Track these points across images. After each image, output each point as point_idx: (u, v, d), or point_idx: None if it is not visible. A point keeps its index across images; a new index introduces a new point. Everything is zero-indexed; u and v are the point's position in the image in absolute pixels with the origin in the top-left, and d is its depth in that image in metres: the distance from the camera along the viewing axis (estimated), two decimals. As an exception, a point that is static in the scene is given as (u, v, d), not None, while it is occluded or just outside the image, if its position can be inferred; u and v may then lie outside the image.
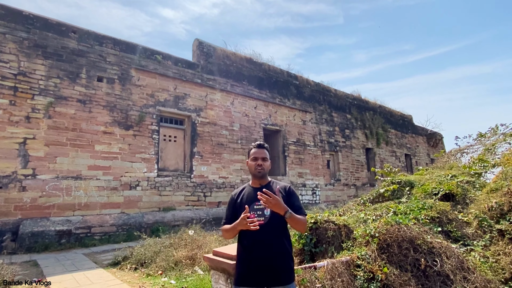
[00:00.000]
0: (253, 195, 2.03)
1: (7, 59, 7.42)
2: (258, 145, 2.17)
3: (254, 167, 2.10)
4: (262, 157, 2.11)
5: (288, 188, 2.10)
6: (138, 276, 4.72)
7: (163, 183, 9.42)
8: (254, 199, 2.00)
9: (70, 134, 7.99)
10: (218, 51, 11.70)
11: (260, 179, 2.11)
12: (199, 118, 10.62)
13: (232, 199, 2.14)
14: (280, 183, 2.15)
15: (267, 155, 2.15)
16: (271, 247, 1.92)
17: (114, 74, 9.02)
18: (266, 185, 2.10)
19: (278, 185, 2.12)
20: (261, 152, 2.13)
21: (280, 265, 1.91)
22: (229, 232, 2.01)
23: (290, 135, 13.39)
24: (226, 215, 2.14)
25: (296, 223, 1.96)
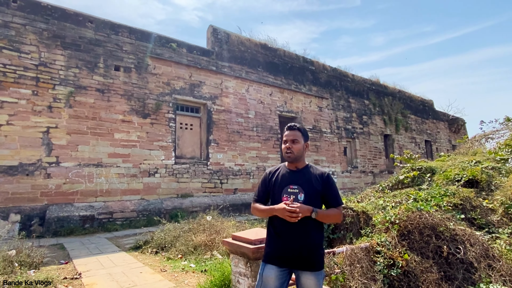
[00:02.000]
0: (287, 177, 1.99)
1: (28, 50, 7.60)
2: (289, 127, 2.08)
3: (284, 151, 2.04)
4: (291, 139, 2.01)
5: (325, 176, 1.99)
6: (159, 260, 4.87)
7: (181, 170, 9.57)
8: (288, 181, 1.96)
9: (90, 123, 8.19)
10: (232, 38, 11.57)
11: (292, 162, 2.03)
12: (215, 106, 10.63)
13: (265, 176, 2.08)
14: (318, 169, 2.06)
15: (299, 136, 2.03)
16: (301, 234, 1.88)
17: (130, 63, 9.10)
18: (303, 168, 2.02)
19: (315, 170, 2.03)
20: (291, 134, 2.03)
21: (309, 254, 1.88)
22: (263, 213, 1.99)
23: (306, 122, 13.23)
24: (258, 192, 2.09)
25: (325, 218, 1.92)
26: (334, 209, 1.94)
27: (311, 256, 1.88)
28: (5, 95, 7.19)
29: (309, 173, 2.00)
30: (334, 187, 2.00)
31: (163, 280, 3.84)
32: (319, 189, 1.95)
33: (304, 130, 2.08)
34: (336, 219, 1.98)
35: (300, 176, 1.98)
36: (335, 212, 1.93)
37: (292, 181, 1.96)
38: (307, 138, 2.09)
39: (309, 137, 2.11)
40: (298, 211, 1.78)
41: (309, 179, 1.96)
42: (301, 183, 1.93)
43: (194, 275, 4.03)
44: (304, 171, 2.01)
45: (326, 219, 1.93)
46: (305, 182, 1.95)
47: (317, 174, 1.99)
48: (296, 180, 1.95)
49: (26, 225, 6.94)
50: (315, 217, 1.85)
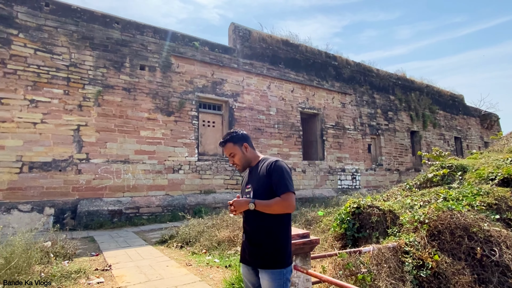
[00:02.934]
0: (245, 179, 2.06)
1: (60, 51, 7.97)
2: (220, 144, 2.07)
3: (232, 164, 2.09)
4: (229, 154, 2.02)
5: (270, 164, 1.88)
6: (184, 254, 4.98)
7: (204, 167, 9.72)
8: (245, 182, 2.03)
9: (118, 121, 8.48)
10: (253, 35, 11.56)
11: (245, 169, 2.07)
12: (236, 103, 10.69)
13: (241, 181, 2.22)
14: (268, 160, 1.95)
15: (233, 148, 1.98)
16: (255, 231, 1.88)
17: (155, 62, 9.33)
18: (255, 166, 1.99)
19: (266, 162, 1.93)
20: (226, 151, 2.03)
21: (259, 250, 1.84)
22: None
23: (329, 119, 13.02)
24: None
25: (266, 209, 1.79)
26: (276, 198, 1.78)
27: (261, 252, 1.82)
28: (39, 94, 7.58)
29: (259, 168, 1.94)
30: (278, 174, 1.82)
31: (188, 274, 3.93)
32: (267, 181, 1.85)
33: (232, 136, 2.00)
34: (280, 208, 1.79)
35: (252, 174, 2.00)
36: (277, 200, 1.77)
37: (248, 181, 2.00)
38: (241, 139, 2.01)
39: (243, 137, 2.02)
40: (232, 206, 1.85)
41: (259, 174, 1.92)
42: (252, 181, 1.94)
43: (218, 270, 4.10)
44: (255, 168, 1.99)
45: (268, 209, 1.79)
46: (255, 179, 1.94)
47: (265, 166, 1.90)
48: (250, 180, 1.98)
49: (59, 218, 7.32)
50: (253, 209, 1.79)
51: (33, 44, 7.65)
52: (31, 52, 7.60)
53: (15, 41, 7.45)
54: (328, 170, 12.60)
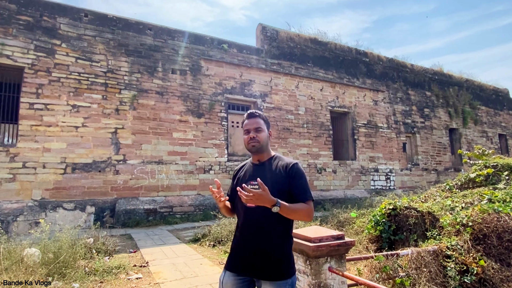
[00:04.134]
0: (250, 172, 1.78)
1: (98, 59, 8.45)
2: (250, 114, 1.81)
3: (247, 141, 1.77)
4: (255, 127, 1.75)
5: (290, 166, 1.70)
6: (217, 253, 5.07)
7: (233, 167, 9.84)
8: (249, 177, 1.74)
9: (152, 123, 8.83)
10: (281, 34, 11.52)
11: (257, 154, 1.77)
12: (265, 104, 10.71)
13: (234, 172, 1.91)
14: (284, 160, 1.77)
15: (262, 124, 1.77)
16: (259, 235, 1.62)
17: (185, 66, 9.59)
18: (267, 161, 1.77)
19: (281, 161, 1.75)
20: (253, 122, 1.77)
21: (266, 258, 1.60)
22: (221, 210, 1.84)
23: (360, 117, 12.64)
24: (228, 189, 1.94)
25: (291, 214, 1.58)
26: (302, 204, 1.62)
27: (268, 261, 1.60)
28: (80, 100, 8.09)
29: (273, 165, 1.73)
30: (302, 179, 1.69)
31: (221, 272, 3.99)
32: (284, 183, 1.67)
33: (266, 117, 1.84)
34: (305, 217, 1.62)
35: (262, 170, 1.74)
36: (303, 207, 1.60)
37: (254, 176, 1.69)
38: (269, 126, 1.86)
39: (269, 124, 1.87)
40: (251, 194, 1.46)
41: (272, 172, 1.70)
42: (262, 178, 1.57)
43: (250, 269, 4.12)
44: (267, 164, 1.76)
45: (293, 215, 1.60)
46: (267, 176, 1.67)
47: (281, 166, 1.72)
48: (258, 175, 1.64)
49: (99, 216, 7.75)
50: (277, 211, 1.51)
51: (74, 52, 8.17)
52: (72, 61, 8.13)
53: (58, 51, 8.00)
54: (360, 170, 12.24)
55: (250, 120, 1.79)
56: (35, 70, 7.68)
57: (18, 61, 7.56)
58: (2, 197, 7.03)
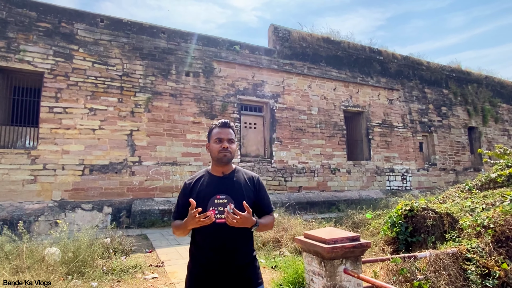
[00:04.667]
0: (214, 185, 1.67)
1: (113, 63, 8.64)
2: (223, 124, 1.74)
3: (218, 150, 1.69)
4: (228, 138, 1.71)
5: (256, 179, 1.77)
6: (230, 254, 5.09)
7: (246, 168, 9.83)
8: (214, 190, 1.64)
9: (166, 125, 8.96)
10: (293, 34, 11.47)
11: (224, 165, 1.72)
12: (277, 104, 10.69)
13: (185, 188, 1.74)
14: (247, 172, 1.79)
15: (234, 136, 1.75)
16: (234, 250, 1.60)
17: (198, 68, 9.69)
18: (231, 173, 1.73)
19: (243, 174, 1.76)
20: (227, 132, 1.72)
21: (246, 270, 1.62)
22: (179, 230, 1.64)
23: (375, 116, 12.44)
24: (176, 208, 1.76)
25: (262, 228, 1.67)
26: (269, 217, 1.73)
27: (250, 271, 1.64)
28: (97, 103, 8.29)
29: (239, 178, 1.72)
30: (266, 191, 1.79)
31: (235, 273, 4.01)
32: (251, 196, 1.69)
33: (234, 129, 1.81)
34: (271, 227, 1.77)
35: (229, 183, 1.69)
36: (271, 219, 1.73)
37: (220, 189, 1.64)
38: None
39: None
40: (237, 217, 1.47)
41: (239, 185, 1.68)
42: (230, 192, 1.61)
43: (264, 270, 4.11)
44: (233, 176, 1.71)
45: (264, 229, 1.70)
46: (235, 189, 1.66)
47: (247, 179, 1.74)
48: (224, 188, 1.64)
49: (116, 216, 7.92)
50: (255, 230, 1.59)
51: (91, 57, 8.39)
52: (89, 65, 8.35)
53: (76, 56, 8.24)
54: (375, 171, 12.04)
55: (223, 129, 1.74)
56: (54, 75, 7.94)
57: (38, 66, 7.83)
58: (24, 198, 7.29)
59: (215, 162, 1.74)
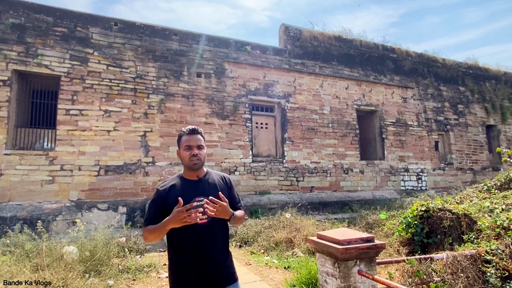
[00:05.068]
0: (190, 189, 1.76)
1: (127, 65, 8.81)
2: (191, 131, 1.82)
3: (189, 158, 1.76)
4: (197, 144, 1.80)
5: (227, 178, 1.95)
6: (243, 253, 5.11)
7: (258, 168, 9.87)
8: (192, 193, 1.72)
9: (178, 126, 9.06)
10: (304, 34, 11.41)
11: (197, 171, 1.81)
12: (288, 104, 10.65)
13: (159, 194, 1.77)
14: (217, 172, 1.94)
15: (203, 141, 1.84)
16: (214, 248, 1.70)
17: (210, 69, 9.77)
18: (204, 176, 1.84)
19: (215, 175, 1.90)
20: (196, 139, 1.80)
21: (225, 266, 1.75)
22: (154, 233, 1.65)
23: (388, 115, 12.23)
24: (149, 215, 1.76)
25: (237, 221, 1.79)
26: (241, 211, 1.88)
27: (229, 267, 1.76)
28: (111, 105, 8.47)
29: (213, 179, 1.85)
30: (235, 189, 1.98)
31: (249, 273, 4.02)
32: (225, 194, 1.77)
33: (203, 134, 1.91)
34: (242, 221, 1.92)
35: (205, 185, 1.80)
36: (242, 214, 1.87)
37: (197, 192, 1.74)
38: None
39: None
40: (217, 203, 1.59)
41: (215, 186, 1.81)
42: (207, 193, 1.70)
43: (277, 270, 4.11)
44: (208, 179, 1.84)
45: (237, 222, 1.81)
46: (211, 190, 1.77)
47: (220, 178, 1.89)
48: (202, 190, 1.75)
49: (130, 216, 8.06)
50: (231, 222, 1.74)
51: (105, 60, 8.58)
52: (104, 68, 8.53)
53: (91, 59, 8.43)
54: (389, 170, 11.84)
55: (191, 136, 1.80)
56: (70, 78, 8.15)
57: (55, 70, 8.06)
58: (42, 198, 7.52)
59: (187, 168, 1.83)
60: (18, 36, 7.83)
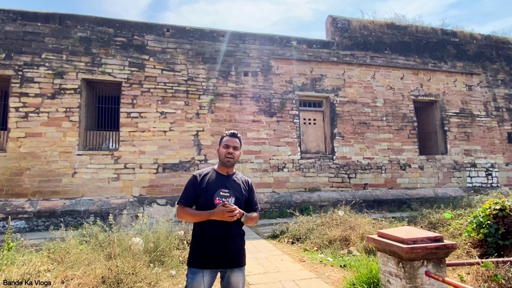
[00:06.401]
0: (219, 181, 2.08)
1: (179, 68, 9.28)
2: (232, 134, 2.17)
3: (224, 154, 2.11)
4: (233, 145, 2.12)
5: (249, 182, 2.22)
6: (296, 250, 5.07)
7: (307, 165, 9.73)
8: (219, 185, 2.05)
9: (228, 125, 9.32)
10: (353, 24, 10.92)
11: (228, 167, 2.14)
12: (338, 98, 10.30)
13: (195, 179, 2.10)
14: (243, 176, 2.25)
15: (239, 144, 2.17)
16: (231, 233, 2.01)
17: (256, 67, 9.86)
18: (233, 174, 2.17)
19: (241, 176, 2.21)
20: (233, 141, 2.13)
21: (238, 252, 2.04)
22: (194, 217, 2.01)
23: (450, 105, 11.18)
24: (186, 195, 2.08)
25: (249, 221, 2.07)
26: (255, 213, 2.14)
27: (240, 253, 2.05)
28: (167, 107, 9.00)
29: (238, 179, 2.16)
30: (255, 193, 2.25)
31: (303, 269, 3.98)
32: (246, 194, 2.13)
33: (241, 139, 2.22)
34: (255, 223, 2.16)
35: (231, 181, 2.12)
36: (256, 215, 2.13)
37: (224, 185, 2.07)
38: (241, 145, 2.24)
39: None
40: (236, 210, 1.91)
41: (238, 185, 2.12)
42: (231, 188, 2.06)
43: (333, 269, 4.01)
44: (234, 177, 2.16)
45: (250, 222, 2.08)
46: (235, 187, 2.11)
47: (243, 180, 2.19)
48: (228, 185, 2.08)
49: (186, 211, 8.49)
50: (243, 221, 2.02)
51: (160, 65, 9.13)
52: (159, 72, 9.10)
53: (147, 65, 9.05)
54: (452, 166, 10.83)
55: (231, 138, 2.15)
56: (130, 83, 8.84)
57: (117, 76, 8.80)
58: (109, 194, 8.28)
59: (221, 163, 2.16)
60: (85, 48, 8.70)
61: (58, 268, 3.47)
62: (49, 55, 8.44)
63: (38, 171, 7.96)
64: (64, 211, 7.64)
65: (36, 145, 8.03)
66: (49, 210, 7.61)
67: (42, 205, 7.67)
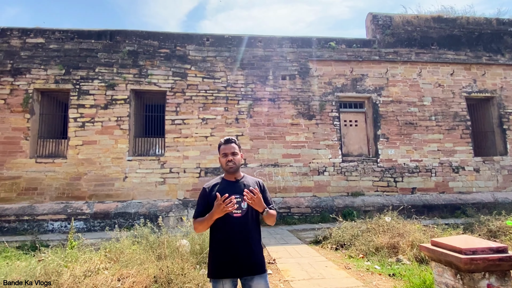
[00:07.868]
0: (228, 188, 2.05)
1: (219, 76, 9.55)
2: (226, 141, 2.15)
3: (225, 163, 2.10)
4: (231, 152, 2.11)
5: (261, 183, 2.19)
6: (340, 256, 4.93)
7: (349, 168, 9.43)
8: (230, 192, 1.97)
9: (266, 129, 9.37)
10: (395, 20, 10.42)
11: (233, 173, 2.12)
12: (381, 98, 9.87)
13: (204, 192, 2.11)
14: (252, 177, 2.21)
15: (237, 149, 2.14)
16: (247, 239, 1.97)
17: (294, 70, 9.81)
18: (241, 179, 2.14)
19: (250, 179, 2.18)
20: (230, 148, 2.12)
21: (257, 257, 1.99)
22: (203, 224, 1.99)
23: (510, 102, 10.16)
24: (197, 208, 2.09)
25: (269, 218, 2.04)
26: (274, 211, 2.10)
27: (257, 260, 1.98)
28: (208, 113, 9.30)
29: (248, 182, 2.13)
30: (268, 193, 2.19)
31: (349, 277, 3.85)
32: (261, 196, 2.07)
33: (236, 141, 2.18)
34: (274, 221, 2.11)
35: (240, 185, 2.09)
36: (275, 213, 2.10)
37: (235, 191, 2.02)
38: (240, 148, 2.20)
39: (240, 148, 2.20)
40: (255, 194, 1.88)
41: (249, 187, 2.04)
42: (242, 192, 1.97)
43: (381, 277, 3.83)
44: (243, 181, 2.13)
45: (270, 218, 2.05)
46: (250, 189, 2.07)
47: (254, 182, 2.16)
48: (238, 190, 2.04)
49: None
50: (265, 214, 1.99)
51: (201, 73, 9.48)
52: (200, 80, 9.45)
53: (189, 74, 9.45)
54: (514, 168, 9.81)
55: (227, 145, 2.13)
56: (173, 92, 9.29)
57: (162, 86, 9.30)
58: (156, 197, 8.74)
59: (225, 172, 2.17)
60: (133, 60, 9.32)
61: (114, 266, 3.74)
62: (102, 68, 9.17)
63: (94, 175, 8.65)
64: (117, 213, 8.21)
65: (92, 152, 8.75)
66: (104, 212, 8.23)
67: (98, 207, 8.32)
